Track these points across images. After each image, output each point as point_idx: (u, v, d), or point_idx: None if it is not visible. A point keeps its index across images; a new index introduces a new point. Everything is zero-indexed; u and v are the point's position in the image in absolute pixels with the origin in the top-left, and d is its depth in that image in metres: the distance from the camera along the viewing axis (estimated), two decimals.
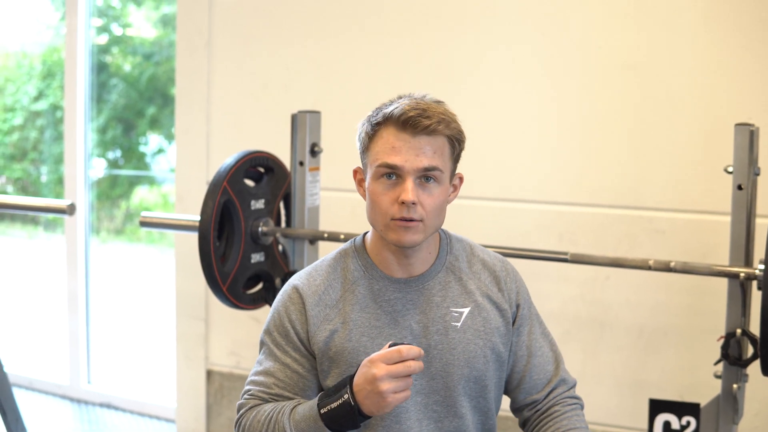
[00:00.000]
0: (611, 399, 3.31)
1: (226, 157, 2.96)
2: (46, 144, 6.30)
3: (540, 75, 3.35)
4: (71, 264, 4.71)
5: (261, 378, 1.89)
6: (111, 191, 6.25)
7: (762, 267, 2.38)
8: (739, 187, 2.45)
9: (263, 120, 3.84)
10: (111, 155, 6.26)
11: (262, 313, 3.78)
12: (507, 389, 2.00)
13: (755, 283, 2.42)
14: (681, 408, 2.53)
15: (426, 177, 1.78)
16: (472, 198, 3.41)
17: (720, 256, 2.89)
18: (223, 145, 3.92)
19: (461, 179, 1.91)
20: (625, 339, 3.28)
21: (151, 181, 6.56)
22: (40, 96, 6.24)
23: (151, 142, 6.32)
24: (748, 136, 2.44)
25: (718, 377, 2.52)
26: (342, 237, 2.86)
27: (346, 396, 1.70)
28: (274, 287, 3.04)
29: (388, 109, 1.80)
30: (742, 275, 2.42)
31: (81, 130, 4.63)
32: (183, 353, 4.18)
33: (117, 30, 6.04)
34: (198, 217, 2.88)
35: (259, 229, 2.99)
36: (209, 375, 4.11)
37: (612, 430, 3.31)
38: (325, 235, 2.91)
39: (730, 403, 2.49)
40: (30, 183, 6.56)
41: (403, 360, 1.66)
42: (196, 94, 3.99)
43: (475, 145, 3.46)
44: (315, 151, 2.97)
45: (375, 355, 1.68)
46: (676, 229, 3.18)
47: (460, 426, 1.89)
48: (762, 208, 2.71)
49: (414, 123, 1.76)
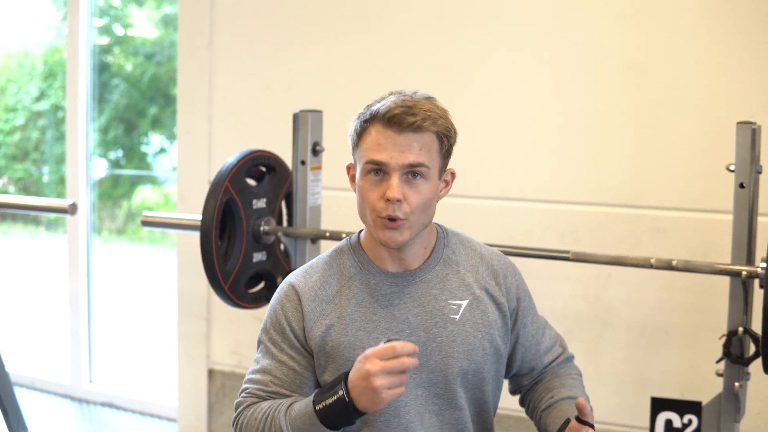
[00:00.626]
0: (613, 397, 3.31)
1: (227, 157, 2.97)
2: (47, 144, 6.30)
3: (542, 75, 3.35)
4: (73, 264, 4.72)
5: (258, 376, 1.89)
6: (113, 191, 6.26)
7: (764, 265, 2.38)
8: (741, 186, 2.45)
9: (265, 119, 3.85)
10: (112, 155, 6.27)
11: (263, 312, 3.77)
12: (517, 375, 2.05)
13: (757, 282, 2.42)
14: (683, 406, 2.53)
15: (412, 173, 1.79)
16: (474, 197, 3.41)
17: (722, 254, 2.89)
18: (225, 145, 3.92)
19: (453, 175, 1.91)
20: (627, 337, 3.28)
21: (153, 181, 6.57)
22: (41, 96, 6.25)
23: (153, 141, 6.32)
24: (749, 134, 2.44)
25: (719, 375, 2.52)
26: (343, 236, 2.86)
27: (340, 392, 1.70)
28: (275, 286, 3.03)
29: (375, 107, 1.81)
30: (743, 273, 2.42)
31: (83, 130, 4.63)
32: (184, 352, 4.18)
33: (118, 30, 6.05)
34: (200, 217, 2.88)
35: (261, 228, 2.99)
36: (211, 374, 4.12)
37: (614, 428, 3.31)
38: (327, 234, 2.91)
39: (731, 402, 2.49)
40: (32, 183, 6.57)
41: (398, 356, 1.65)
42: (197, 93, 3.99)
43: (477, 145, 3.48)
44: (317, 150, 2.97)
45: (369, 351, 1.68)
46: (677, 228, 3.18)
47: (460, 418, 1.90)
48: (764, 206, 2.71)
49: (399, 120, 1.77)
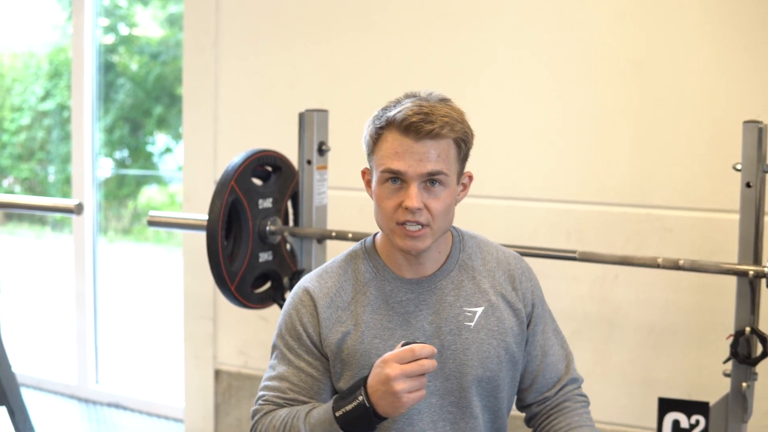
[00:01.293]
0: (620, 397, 3.30)
1: (233, 156, 2.96)
2: (53, 144, 6.31)
3: (546, 74, 3.35)
4: (79, 264, 4.72)
5: (275, 383, 1.87)
6: (118, 191, 6.26)
7: None
8: (748, 185, 2.45)
9: (270, 119, 3.84)
10: (118, 155, 6.27)
11: (270, 312, 3.78)
12: (519, 388, 1.99)
13: (764, 281, 2.42)
14: (690, 407, 2.52)
15: (431, 181, 1.76)
16: (479, 197, 3.40)
17: (729, 253, 2.88)
18: (231, 144, 3.92)
19: (471, 178, 1.89)
20: (634, 337, 3.27)
21: (159, 181, 6.57)
22: (47, 96, 6.25)
23: (158, 141, 6.32)
24: (756, 133, 2.43)
25: (727, 376, 2.51)
26: (350, 236, 2.86)
27: (360, 398, 1.69)
28: (282, 286, 3.04)
29: (391, 113, 1.77)
30: (750, 273, 2.42)
31: (88, 129, 4.63)
32: (191, 353, 4.18)
33: (124, 30, 6.05)
34: (206, 217, 2.88)
35: (267, 228, 2.99)
36: (217, 374, 4.12)
37: (621, 428, 3.31)
38: (333, 234, 2.91)
39: (739, 402, 2.48)
40: (37, 183, 6.58)
41: (417, 359, 1.64)
42: (203, 93, 3.99)
43: (483, 144, 3.45)
44: (323, 150, 2.96)
45: (388, 355, 1.66)
46: (684, 227, 3.17)
47: (475, 426, 1.88)
48: None
49: (417, 128, 1.73)
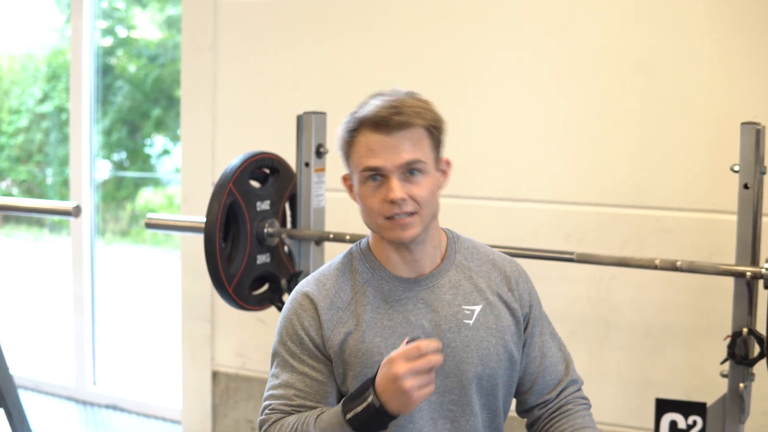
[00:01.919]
0: (617, 398, 3.31)
1: (231, 159, 2.97)
2: (51, 146, 6.31)
3: (547, 75, 3.35)
4: (77, 266, 4.72)
5: (280, 391, 1.85)
6: (116, 193, 6.26)
7: None
8: (746, 186, 2.45)
9: (269, 121, 3.85)
10: (116, 157, 6.27)
11: (267, 315, 3.78)
12: (519, 391, 1.99)
13: (761, 282, 2.42)
14: (687, 407, 2.53)
15: (410, 171, 1.78)
16: (478, 198, 3.41)
17: (726, 255, 2.88)
18: (229, 147, 3.92)
19: (448, 163, 1.90)
20: (631, 338, 3.27)
21: (157, 183, 6.57)
22: (45, 98, 6.26)
23: (156, 143, 6.33)
24: (754, 135, 2.43)
25: (724, 376, 2.52)
26: (348, 238, 2.86)
27: (370, 398, 1.68)
28: (279, 288, 3.04)
29: (360, 113, 1.80)
30: (748, 274, 2.42)
31: (86, 132, 4.64)
32: (189, 354, 4.18)
33: (122, 32, 6.06)
34: (204, 219, 2.88)
35: (265, 231, 2.99)
36: (215, 376, 4.12)
37: (618, 429, 3.31)
38: (331, 236, 2.91)
39: (736, 403, 2.49)
40: (35, 185, 6.58)
41: (423, 355, 1.65)
42: (201, 95, 4.00)
43: (482, 145, 3.48)
44: (321, 152, 2.97)
45: (394, 353, 1.67)
46: (682, 229, 3.17)
47: (474, 424, 1.88)
48: None
49: (387, 121, 1.76)
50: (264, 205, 3.00)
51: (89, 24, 4.60)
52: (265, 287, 3.09)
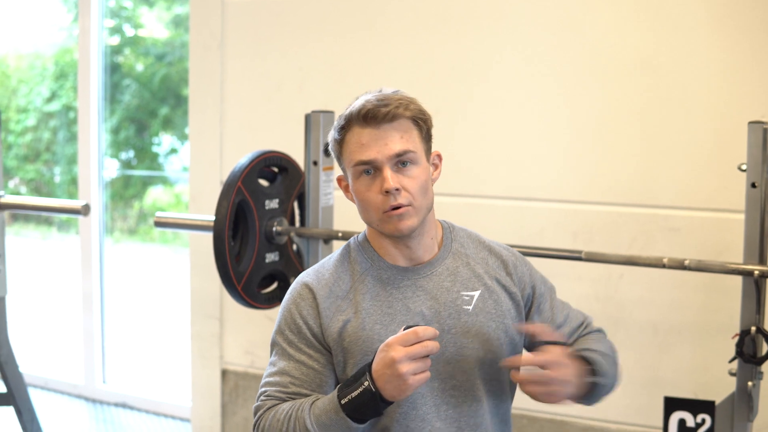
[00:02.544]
0: (626, 397, 3.30)
1: (239, 157, 2.98)
2: (59, 145, 6.33)
3: (552, 75, 3.35)
4: (85, 264, 4.74)
5: (276, 378, 1.87)
6: (124, 191, 6.28)
7: None
8: (753, 185, 2.45)
9: (277, 120, 3.85)
10: (124, 156, 6.29)
11: (276, 313, 3.79)
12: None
13: None
14: (696, 406, 2.53)
15: (401, 162, 1.81)
16: (485, 197, 3.41)
17: (734, 253, 2.89)
18: (237, 145, 3.93)
19: (440, 157, 1.94)
20: (640, 337, 3.28)
21: (164, 182, 6.59)
22: (53, 97, 6.28)
23: (164, 142, 6.35)
24: (761, 133, 2.43)
25: (732, 375, 2.52)
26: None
27: (366, 383, 1.70)
28: (288, 286, 3.04)
29: (347, 112, 1.84)
30: (756, 273, 2.42)
31: (94, 130, 4.65)
32: (198, 353, 4.19)
33: (129, 31, 6.07)
34: (213, 217, 2.89)
35: (274, 229, 3.00)
36: (224, 374, 4.13)
37: (627, 428, 3.31)
38: (340, 235, 2.92)
39: (744, 401, 2.49)
40: (43, 184, 6.60)
41: (420, 341, 1.67)
42: (209, 94, 4.01)
43: (489, 144, 3.48)
44: (329, 151, 2.97)
45: (391, 339, 1.68)
46: (690, 227, 3.17)
47: (478, 410, 1.89)
48: None
49: (374, 114, 1.80)
50: (273, 204, 3.01)
51: (97, 22, 4.61)
52: (274, 285, 3.10)
